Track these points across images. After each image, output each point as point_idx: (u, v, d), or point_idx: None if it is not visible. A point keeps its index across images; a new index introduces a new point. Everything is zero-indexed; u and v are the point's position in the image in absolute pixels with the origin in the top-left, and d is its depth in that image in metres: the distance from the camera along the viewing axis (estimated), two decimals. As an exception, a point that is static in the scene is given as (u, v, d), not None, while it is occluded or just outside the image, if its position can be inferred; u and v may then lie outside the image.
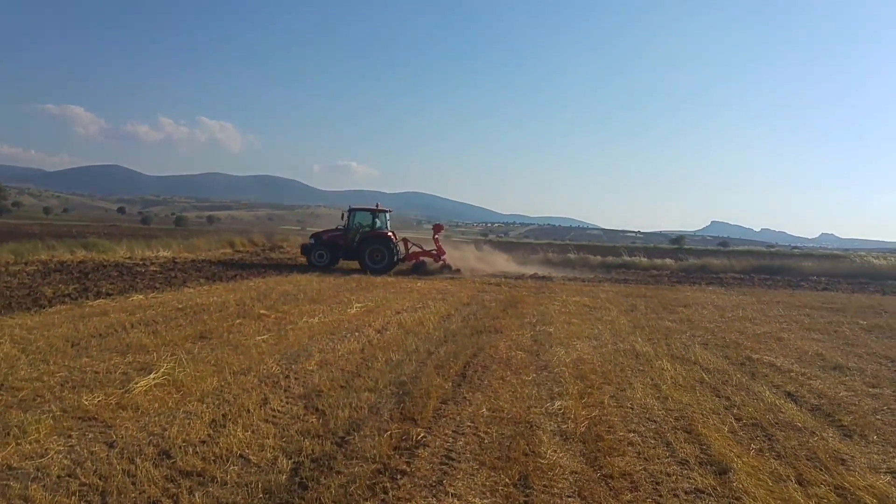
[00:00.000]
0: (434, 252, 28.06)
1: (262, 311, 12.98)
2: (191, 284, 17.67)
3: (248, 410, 6.46)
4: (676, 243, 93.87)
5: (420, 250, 28.40)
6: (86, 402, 6.30)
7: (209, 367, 8.16)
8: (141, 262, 23.35)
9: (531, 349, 10.61)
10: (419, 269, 27.08)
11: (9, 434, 5.44)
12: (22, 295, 13.66)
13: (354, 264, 27.27)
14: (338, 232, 27.87)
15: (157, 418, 6.08)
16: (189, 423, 5.94)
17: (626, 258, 35.53)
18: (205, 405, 6.60)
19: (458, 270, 26.92)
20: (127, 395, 6.66)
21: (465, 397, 7.32)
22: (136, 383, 6.99)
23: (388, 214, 28.58)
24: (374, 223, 27.62)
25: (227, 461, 5.14)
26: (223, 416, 6.27)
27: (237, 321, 11.84)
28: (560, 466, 5.36)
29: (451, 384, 7.90)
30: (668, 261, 35.08)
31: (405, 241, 28.73)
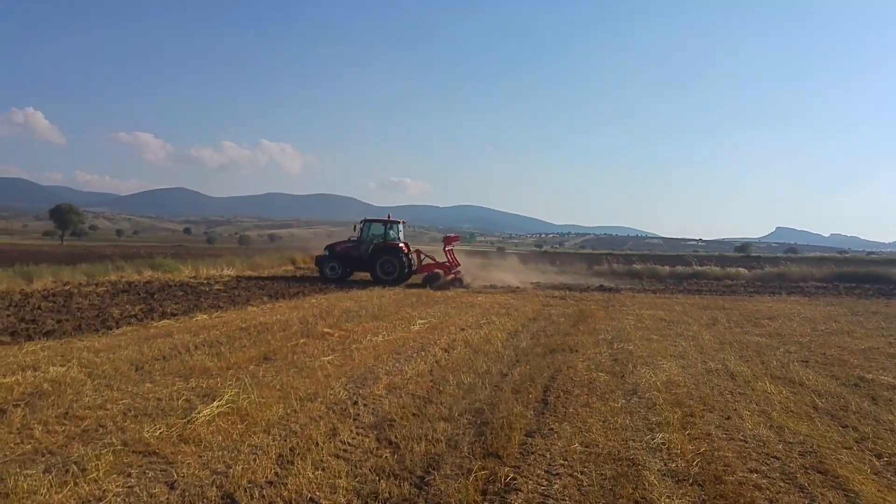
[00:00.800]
0: (446, 264, 27.31)
1: (325, 330, 12.57)
2: (254, 303, 17.46)
3: (317, 444, 5.93)
4: (742, 251, 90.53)
5: (433, 262, 27.76)
6: (147, 435, 5.88)
7: (274, 392, 7.70)
8: (206, 281, 23.43)
9: (613, 370, 9.86)
10: (431, 282, 26.33)
11: (68, 472, 5.04)
12: (91, 316, 13.63)
13: (367, 276, 27.25)
14: (351, 244, 27.68)
15: (220, 453, 5.60)
16: (254, 460, 5.43)
17: (697, 268, 34.07)
18: (270, 437, 6.11)
19: (467, 285, 26.09)
20: (189, 425, 6.22)
21: (551, 429, 6.64)
22: (199, 412, 6.54)
23: (401, 225, 28.27)
24: (386, 234, 27.32)
25: (298, 507, 4.60)
26: (290, 450, 5.75)
27: (301, 341, 11.43)
28: (679, 518, 4.65)
29: (532, 412, 7.24)
30: (742, 269, 33.50)
31: (418, 252, 28.15)
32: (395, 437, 6.19)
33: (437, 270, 27.09)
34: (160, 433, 5.97)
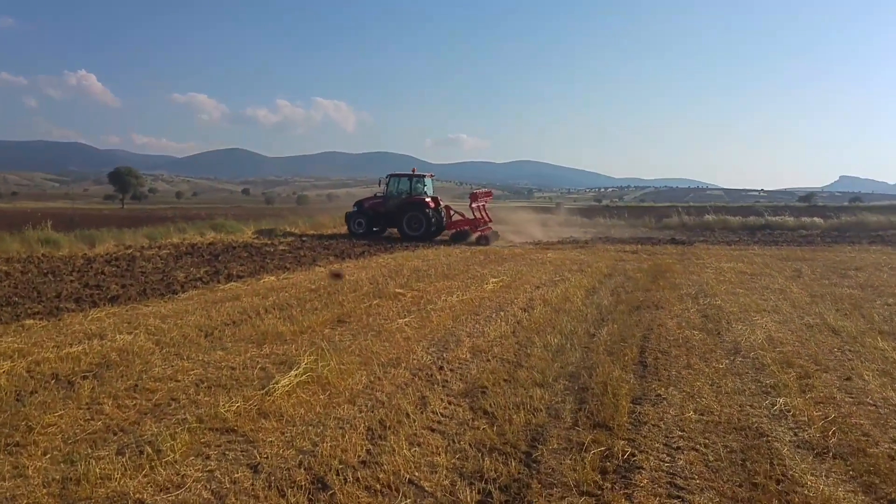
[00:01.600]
0: (474, 220, 26.43)
1: (397, 290, 12.15)
2: (321, 263, 17.15)
3: (408, 415, 5.46)
4: (806, 201, 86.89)
5: (462, 219, 26.91)
6: (223, 410, 5.47)
7: (354, 358, 7.28)
8: (269, 242, 23.25)
9: (706, 327, 9.18)
10: (460, 239, 25.61)
11: (142, 454, 4.63)
12: (156, 280, 13.45)
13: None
14: (378, 199, 27.15)
15: (304, 429, 5.17)
16: (343, 436, 4.99)
17: (770, 218, 32.51)
18: (356, 408, 5.67)
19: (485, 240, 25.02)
20: (268, 397, 5.81)
21: (658, 395, 6.05)
22: (277, 382, 6.13)
23: (428, 180, 27.42)
24: (412, 189, 26.63)
25: (397, 491, 4.13)
26: (380, 422, 5.30)
27: (374, 301, 11.03)
28: (835, 501, 4.02)
29: (633, 376, 6.65)
30: (817, 219, 31.86)
31: (447, 208, 27.31)
32: (490, 405, 5.68)
33: (465, 227, 26.35)
34: (237, 407, 5.56)
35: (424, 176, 27.37)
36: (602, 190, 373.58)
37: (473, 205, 26.58)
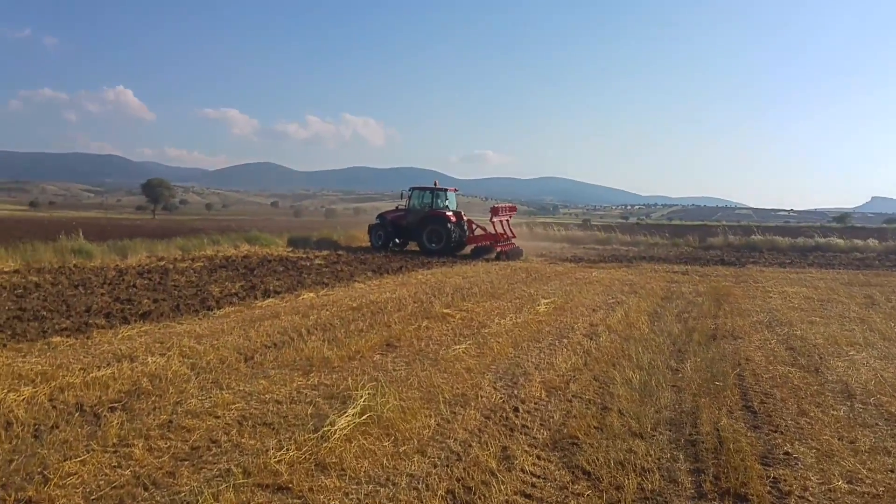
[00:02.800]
0: (496, 235, 25.51)
1: (444, 311, 11.25)
2: (359, 278, 16.31)
3: (492, 473, 4.55)
4: (841, 221, 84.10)
5: (483, 233, 26.02)
6: (274, 461, 4.61)
7: (414, 393, 6.38)
8: (304, 256, 22.40)
9: (798, 362, 8.20)
10: (481, 254, 24.82)
11: (177, 520, 3.79)
12: (189, 295, 12.66)
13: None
14: (400, 213, 26.47)
15: (372, 489, 4.27)
16: (419, 500, 4.10)
17: (819, 239, 31.05)
18: (429, 461, 4.77)
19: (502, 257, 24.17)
20: (324, 443, 4.93)
21: (787, 452, 5.06)
22: (332, 424, 5.25)
23: (450, 193, 26.56)
24: (434, 203, 25.82)
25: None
26: (460, 482, 4.40)
27: (423, 323, 10.14)
28: None
29: (744, 425, 5.68)
30: (872, 241, 30.36)
31: (469, 222, 26.37)
32: (588, 463, 4.75)
33: (486, 242, 25.46)
34: (290, 456, 4.69)
35: (447, 190, 26.61)
36: (629, 207, 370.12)
37: (495, 219, 25.71)
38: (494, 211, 25.87)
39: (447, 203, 26.20)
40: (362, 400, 5.81)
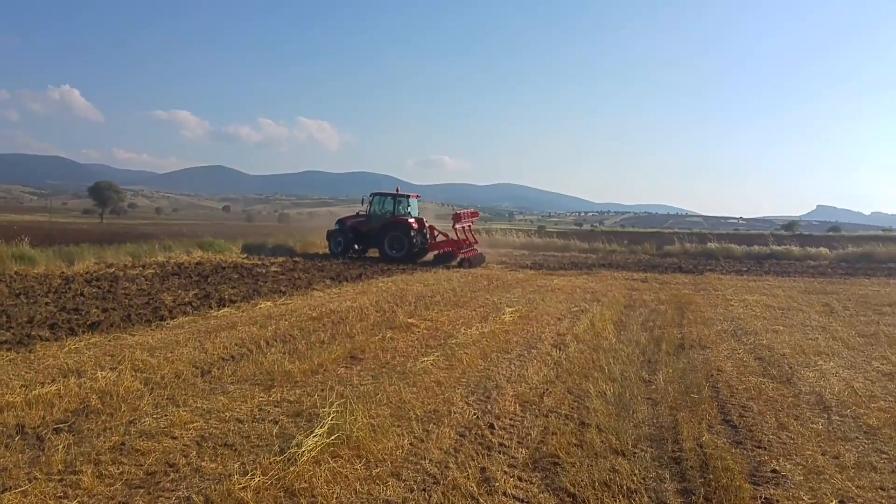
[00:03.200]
0: (457, 241, 25.42)
1: (409, 321, 10.96)
2: (317, 286, 15.87)
3: (473, 497, 4.29)
4: (789, 229, 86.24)
5: (445, 240, 25.83)
6: (238, 487, 4.24)
7: (384, 409, 6.06)
8: (260, 263, 21.74)
9: (769, 373, 8.14)
10: (444, 261, 24.78)
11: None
12: (141, 304, 12.07)
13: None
14: (360, 218, 26.11)
15: (346, 518, 3.98)
16: (399, 531, 3.81)
17: (775, 247, 31.57)
18: (404, 486, 4.47)
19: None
20: (291, 467, 4.59)
21: (774, 470, 4.90)
22: (299, 446, 4.91)
23: (413, 200, 26.37)
24: (396, 209, 25.58)
25: None
26: (438, 507, 4.12)
27: (386, 334, 9.82)
28: None
29: (726, 440, 5.51)
30: (824, 249, 30.96)
31: (431, 229, 26.19)
32: (571, 484, 4.51)
33: (448, 249, 25.24)
34: (256, 482, 4.34)
35: (409, 196, 26.29)
36: (583, 214, 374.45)
37: (457, 225, 25.47)
38: (457, 217, 25.57)
39: (409, 209, 25.91)
40: (329, 418, 5.47)
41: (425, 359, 8.18)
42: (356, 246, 25.81)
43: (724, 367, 8.35)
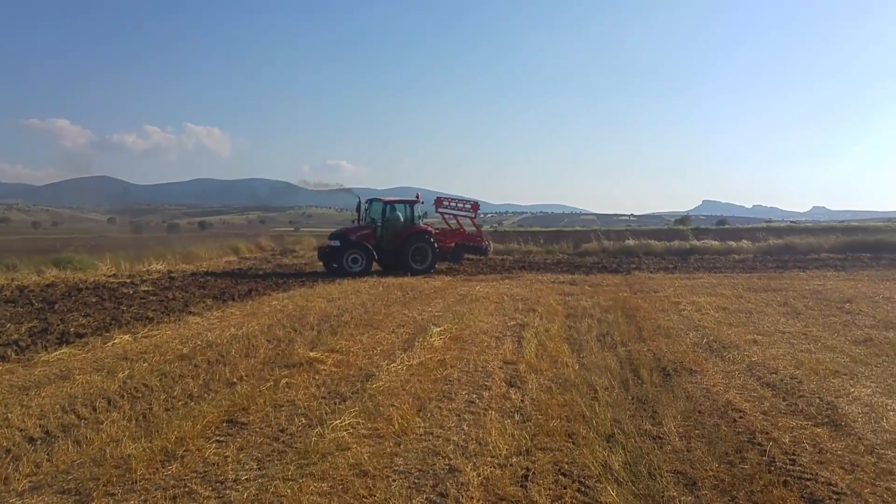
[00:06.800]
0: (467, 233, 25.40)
1: (311, 354, 8.37)
2: (195, 308, 12.84)
3: None
4: (683, 223, 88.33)
5: (460, 231, 25.50)
6: None
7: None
8: (129, 281, 18.08)
9: (801, 410, 6.23)
10: (458, 259, 24.63)
11: None
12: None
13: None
14: (368, 230, 22.55)
15: None
16: None
17: (695, 242, 30.52)
18: None
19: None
20: None
21: None
22: None
23: (418, 207, 23.61)
24: (413, 218, 23.11)
25: None
26: None
27: (281, 376, 7.25)
28: None
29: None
30: (745, 243, 30.12)
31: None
32: None
33: (466, 242, 25.29)
34: None
35: (417, 201, 23.58)
36: (483, 215, 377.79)
37: (447, 214, 25.74)
38: (438, 202, 25.64)
39: (420, 216, 23.71)
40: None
41: (337, 420, 5.62)
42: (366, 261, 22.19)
43: (738, 404, 6.28)
